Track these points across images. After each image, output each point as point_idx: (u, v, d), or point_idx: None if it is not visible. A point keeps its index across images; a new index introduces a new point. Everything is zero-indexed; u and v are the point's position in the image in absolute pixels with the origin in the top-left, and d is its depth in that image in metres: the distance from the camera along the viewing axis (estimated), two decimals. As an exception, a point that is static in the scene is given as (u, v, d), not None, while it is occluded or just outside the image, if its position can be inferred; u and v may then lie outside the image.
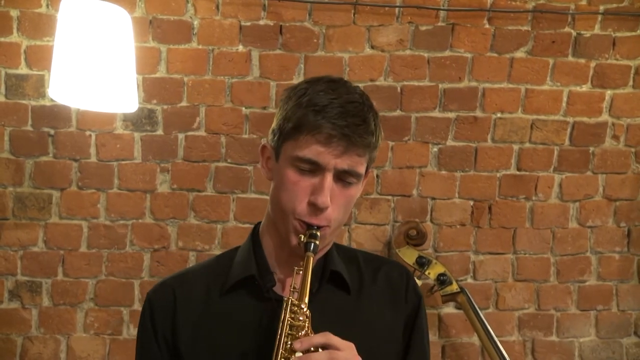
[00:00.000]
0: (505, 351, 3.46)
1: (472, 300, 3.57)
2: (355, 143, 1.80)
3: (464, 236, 3.89)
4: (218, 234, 3.73)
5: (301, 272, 1.82)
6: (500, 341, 3.50)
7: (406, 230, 3.68)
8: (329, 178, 1.81)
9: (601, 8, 3.85)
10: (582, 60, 3.88)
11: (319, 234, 1.83)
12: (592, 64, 3.89)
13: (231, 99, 3.70)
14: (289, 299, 1.79)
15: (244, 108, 3.72)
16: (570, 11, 3.84)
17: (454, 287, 3.59)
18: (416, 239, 3.67)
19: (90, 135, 3.66)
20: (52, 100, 3.50)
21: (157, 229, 3.71)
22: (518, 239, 3.90)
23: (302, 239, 1.84)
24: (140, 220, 3.71)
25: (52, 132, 3.63)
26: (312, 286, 1.91)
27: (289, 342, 1.73)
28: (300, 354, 1.70)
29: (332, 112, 1.79)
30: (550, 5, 3.83)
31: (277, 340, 1.75)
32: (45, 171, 3.64)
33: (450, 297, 3.62)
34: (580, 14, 3.84)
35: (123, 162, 3.68)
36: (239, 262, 2.00)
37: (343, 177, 1.83)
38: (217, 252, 3.64)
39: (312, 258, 1.82)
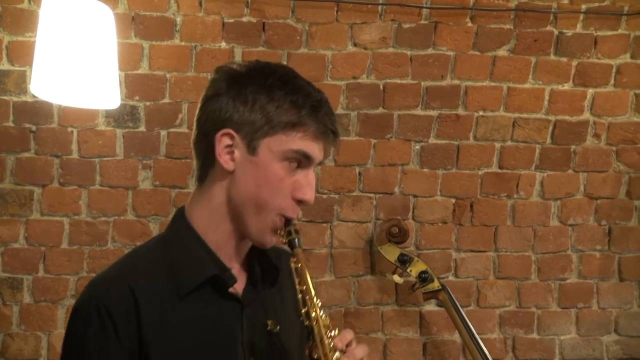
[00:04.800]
0: (487, 348, 3.47)
1: (454, 297, 3.58)
2: (337, 138, 1.88)
3: (446, 234, 3.90)
4: (200, 231, 3.72)
5: (295, 270, 1.84)
6: (482, 338, 3.51)
7: (388, 227, 3.69)
8: (312, 172, 1.86)
9: (583, 7, 3.86)
10: (564, 59, 3.90)
11: (298, 228, 1.85)
12: (574, 63, 3.91)
13: (214, 95, 3.69)
14: (302, 298, 1.80)
15: (226, 105, 3.72)
16: (553, 10, 3.85)
17: (436, 284, 3.60)
18: (398, 236, 3.68)
19: (72, 132, 3.64)
20: (33, 96, 3.49)
21: (139, 226, 3.71)
22: (499, 236, 3.92)
23: (281, 235, 1.85)
24: (122, 217, 3.70)
25: (33, 128, 3.62)
26: (256, 280, 1.96)
27: (330, 343, 1.76)
28: (339, 353, 1.74)
29: (326, 108, 1.84)
30: (532, 4, 3.84)
31: (319, 341, 1.76)
32: (26, 167, 3.62)
33: (432, 295, 3.62)
34: (563, 12, 3.86)
35: (105, 159, 3.67)
36: (189, 261, 1.89)
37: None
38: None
39: (301, 252, 1.83)
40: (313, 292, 1.80)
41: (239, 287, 1.91)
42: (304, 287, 1.81)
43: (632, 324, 3.99)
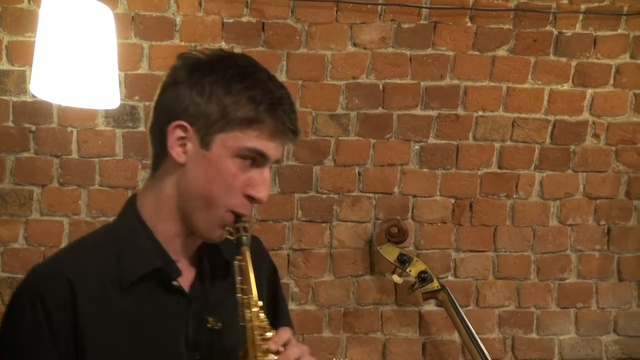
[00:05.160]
0: (486, 348, 3.47)
1: (453, 297, 3.58)
2: (297, 136, 1.84)
3: (445, 234, 3.90)
4: (199, 231, 3.71)
5: (238, 268, 1.80)
6: (481, 338, 3.51)
7: (387, 227, 3.69)
8: (268, 170, 1.83)
9: (582, 7, 3.86)
10: (564, 59, 3.90)
11: (247, 225, 1.82)
12: (573, 63, 3.91)
13: (213, 95, 3.68)
14: (242, 297, 1.76)
15: (226, 105, 3.71)
16: (552, 10, 3.85)
17: (435, 284, 3.60)
18: (397, 236, 3.68)
19: (71, 132, 3.64)
20: (33, 96, 3.48)
21: (138, 226, 3.70)
22: (499, 236, 3.92)
23: (230, 232, 1.82)
24: (121, 217, 3.69)
25: (33, 128, 3.62)
26: (205, 276, 1.92)
27: (263, 345, 1.71)
28: (273, 355, 1.70)
29: (286, 106, 1.80)
30: (532, 3, 3.84)
31: (251, 343, 1.72)
32: (26, 167, 3.62)
33: (431, 295, 3.62)
34: (562, 12, 3.86)
35: (104, 159, 3.67)
36: (135, 252, 1.85)
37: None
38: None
39: (248, 251, 1.79)
40: (254, 292, 1.76)
41: (186, 282, 1.88)
42: (245, 286, 1.77)
43: (631, 324, 3.99)
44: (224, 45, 3.70)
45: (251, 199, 1.81)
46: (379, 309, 3.85)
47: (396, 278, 3.66)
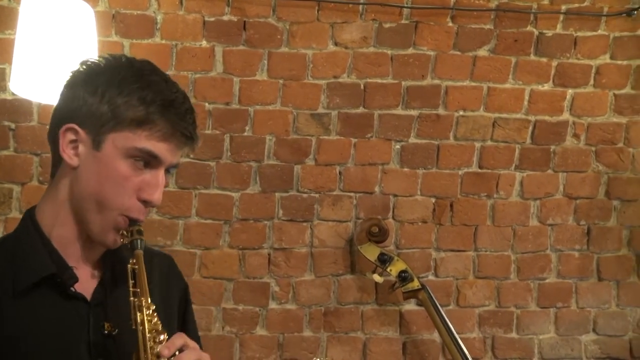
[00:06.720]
0: (466, 348, 3.48)
1: (433, 297, 3.58)
2: (193, 141, 1.82)
3: (426, 233, 3.90)
4: (180, 230, 3.71)
5: (131, 271, 1.77)
6: (461, 338, 3.52)
7: (368, 227, 3.69)
8: (162, 173, 1.79)
9: (563, 7, 3.88)
10: (544, 59, 3.91)
11: (142, 229, 1.79)
12: (554, 63, 3.92)
13: (194, 94, 3.68)
14: (134, 301, 1.74)
15: (207, 104, 3.71)
16: (533, 10, 3.87)
17: (415, 284, 3.60)
18: (378, 235, 3.68)
19: (51, 130, 3.62)
20: (13, 94, 3.45)
21: (118, 224, 3.68)
22: (479, 236, 3.93)
23: (125, 235, 1.78)
24: (101, 216, 3.68)
25: (13, 126, 3.60)
26: (107, 284, 1.87)
27: (155, 348, 1.68)
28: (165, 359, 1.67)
29: (180, 108, 1.78)
30: (513, 4, 3.85)
31: (142, 346, 1.69)
32: (5, 165, 3.60)
33: (412, 294, 3.63)
34: (543, 13, 3.87)
35: (85, 157, 3.65)
36: (28, 259, 1.81)
37: (168, 170, 1.83)
38: (179, 248, 3.64)
39: (142, 254, 1.76)
40: (147, 295, 1.73)
41: (89, 288, 1.84)
42: (138, 289, 1.75)
43: (610, 324, 4.00)
44: (205, 43, 3.70)
45: (145, 202, 1.79)
46: (359, 308, 3.85)
47: (377, 277, 3.65)
